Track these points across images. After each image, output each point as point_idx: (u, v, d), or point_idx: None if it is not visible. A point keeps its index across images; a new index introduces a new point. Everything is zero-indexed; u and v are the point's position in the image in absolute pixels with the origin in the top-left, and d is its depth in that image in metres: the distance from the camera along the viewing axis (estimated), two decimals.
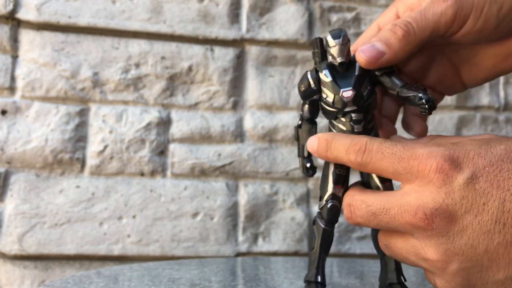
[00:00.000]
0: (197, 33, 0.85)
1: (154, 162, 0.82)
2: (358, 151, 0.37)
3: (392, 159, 0.36)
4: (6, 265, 0.76)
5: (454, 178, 0.33)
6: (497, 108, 0.94)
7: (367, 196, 0.37)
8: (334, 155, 0.39)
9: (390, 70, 0.41)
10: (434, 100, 0.38)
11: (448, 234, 0.33)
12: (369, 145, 0.37)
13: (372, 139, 0.37)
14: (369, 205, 0.37)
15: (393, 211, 0.35)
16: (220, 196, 0.83)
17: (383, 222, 0.36)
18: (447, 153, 0.34)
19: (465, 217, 0.33)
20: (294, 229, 0.84)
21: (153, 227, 0.80)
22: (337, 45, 0.40)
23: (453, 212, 0.33)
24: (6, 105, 0.78)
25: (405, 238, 0.36)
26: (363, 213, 0.37)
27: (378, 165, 0.36)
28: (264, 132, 0.85)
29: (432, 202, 0.33)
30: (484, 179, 0.33)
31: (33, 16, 0.80)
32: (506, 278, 0.33)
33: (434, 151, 0.34)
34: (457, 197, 0.33)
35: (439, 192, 0.33)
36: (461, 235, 0.33)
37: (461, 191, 0.33)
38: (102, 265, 0.79)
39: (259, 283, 0.53)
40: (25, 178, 0.78)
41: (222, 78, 0.85)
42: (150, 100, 0.83)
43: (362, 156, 0.37)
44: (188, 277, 0.55)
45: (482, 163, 0.33)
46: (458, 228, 0.33)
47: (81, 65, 0.81)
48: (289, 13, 0.88)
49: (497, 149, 0.34)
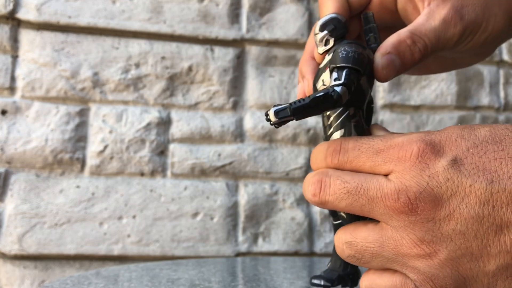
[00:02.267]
0: (197, 33, 0.85)
1: (154, 162, 0.82)
2: (333, 153, 0.35)
3: (369, 153, 0.34)
4: (6, 265, 0.76)
5: (437, 161, 0.31)
6: (497, 108, 0.94)
7: (343, 172, 0.34)
8: (317, 164, 0.37)
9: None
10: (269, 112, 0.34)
11: (434, 219, 0.31)
12: (344, 144, 0.35)
13: (347, 138, 0.35)
14: (345, 181, 0.34)
15: (371, 192, 0.32)
16: (220, 196, 0.83)
17: (357, 204, 0.33)
18: (428, 138, 0.32)
19: (451, 200, 0.31)
20: (294, 229, 0.84)
21: (153, 227, 0.80)
22: (318, 33, 0.39)
23: (438, 196, 0.31)
24: (6, 105, 0.78)
25: (381, 229, 0.33)
26: (335, 190, 0.34)
27: (356, 162, 0.34)
28: (264, 132, 0.85)
29: (415, 186, 0.31)
30: (469, 161, 0.31)
31: (33, 16, 0.80)
32: (497, 269, 0.31)
33: (414, 137, 0.33)
34: (441, 179, 0.31)
35: (422, 175, 0.31)
36: (448, 220, 0.31)
37: (446, 173, 0.31)
38: (102, 265, 0.79)
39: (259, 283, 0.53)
40: (25, 178, 0.78)
41: (222, 78, 0.85)
42: (150, 100, 0.83)
43: (338, 157, 0.35)
44: (188, 277, 0.55)
45: (465, 145, 0.32)
46: (444, 212, 0.31)
47: (81, 65, 0.81)
48: (289, 13, 0.88)
49: (481, 131, 0.32)
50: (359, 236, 0.34)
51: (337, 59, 0.36)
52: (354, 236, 0.34)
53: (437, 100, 0.92)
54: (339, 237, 0.36)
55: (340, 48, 0.37)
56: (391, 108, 0.91)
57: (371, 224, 0.34)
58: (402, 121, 0.91)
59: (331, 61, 0.37)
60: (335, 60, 0.36)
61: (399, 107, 0.91)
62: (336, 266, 0.40)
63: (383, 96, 0.91)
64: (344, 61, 0.36)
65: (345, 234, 0.35)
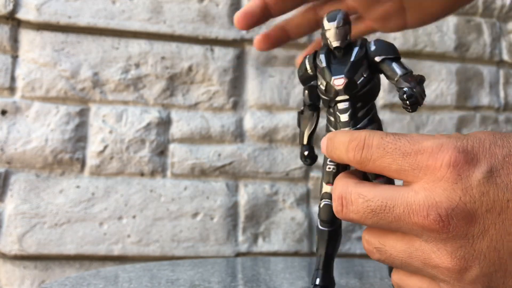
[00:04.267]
0: (197, 33, 0.85)
1: (154, 162, 0.82)
2: (356, 148, 0.33)
3: (395, 155, 0.31)
4: (6, 265, 0.76)
5: (471, 172, 0.29)
6: (497, 108, 0.94)
7: (364, 189, 0.32)
8: (337, 155, 0.35)
9: (394, 57, 0.37)
10: (417, 96, 0.34)
11: (467, 236, 0.29)
12: (368, 140, 0.33)
13: (371, 134, 0.33)
14: (368, 199, 0.32)
15: (398, 210, 0.30)
16: (220, 196, 0.83)
17: (383, 221, 0.31)
18: (460, 144, 0.30)
19: (486, 217, 0.29)
20: (294, 229, 0.84)
21: (153, 227, 0.80)
22: (331, 28, 0.37)
23: (472, 212, 0.29)
24: (6, 105, 0.78)
25: (409, 239, 0.31)
26: (359, 208, 0.32)
27: (380, 163, 0.32)
28: (264, 132, 0.85)
29: (446, 201, 0.29)
30: (505, 172, 0.29)
31: (33, 16, 0.80)
32: None
33: (445, 142, 0.30)
34: (476, 193, 0.29)
35: (454, 189, 0.29)
36: (482, 237, 0.29)
37: (481, 187, 0.28)
38: (102, 265, 0.79)
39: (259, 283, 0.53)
40: (25, 178, 0.78)
41: (222, 78, 0.85)
42: (150, 100, 0.83)
43: (361, 153, 0.33)
44: (187, 277, 0.55)
45: (500, 153, 0.29)
46: (478, 229, 0.29)
47: (81, 65, 0.81)
48: (289, 13, 0.88)
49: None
50: (388, 244, 0.33)
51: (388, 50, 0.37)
52: (383, 243, 0.33)
53: (437, 100, 0.92)
54: (367, 240, 0.34)
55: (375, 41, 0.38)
56: (391, 108, 0.91)
57: (400, 233, 0.32)
58: (402, 121, 0.91)
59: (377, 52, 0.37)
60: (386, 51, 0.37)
61: (399, 107, 0.91)
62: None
63: (383, 96, 0.91)
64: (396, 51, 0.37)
65: (374, 239, 0.34)
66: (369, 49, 0.38)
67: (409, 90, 0.34)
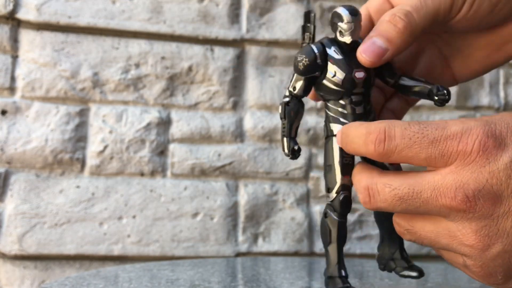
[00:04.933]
0: (197, 33, 0.85)
1: (154, 162, 0.82)
2: (376, 140, 0.33)
3: (423, 143, 0.32)
4: (6, 265, 0.76)
5: (498, 156, 0.30)
6: (497, 108, 0.94)
7: (389, 178, 0.33)
8: (354, 148, 0.35)
9: None
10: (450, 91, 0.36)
11: (492, 216, 0.30)
12: (390, 131, 0.33)
13: (391, 124, 0.33)
14: (395, 188, 0.33)
15: (425, 194, 0.31)
16: (220, 196, 0.83)
17: (412, 207, 0.32)
18: (488, 129, 0.31)
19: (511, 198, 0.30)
20: (294, 229, 0.84)
21: (153, 227, 0.80)
22: (352, 22, 0.37)
23: (498, 193, 0.30)
24: (6, 105, 0.78)
25: (436, 220, 0.33)
26: (387, 197, 0.33)
27: (406, 153, 0.32)
28: (264, 132, 0.85)
29: (474, 183, 0.30)
30: None
31: (33, 16, 0.80)
32: None
33: (473, 127, 0.31)
34: (502, 176, 0.30)
35: (482, 172, 0.30)
36: (506, 217, 0.30)
37: (507, 170, 0.30)
38: (102, 265, 0.79)
39: (259, 283, 0.53)
40: (25, 178, 0.78)
41: (222, 78, 0.85)
42: (150, 100, 0.83)
43: (384, 145, 0.33)
44: (187, 277, 0.55)
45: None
46: (503, 210, 0.30)
47: (81, 65, 0.81)
48: (289, 13, 0.88)
49: None
50: (416, 225, 0.34)
51: None
52: (412, 225, 0.35)
53: None
54: (398, 223, 0.36)
55: None
56: None
57: (427, 215, 0.34)
58: None
59: None
60: None
61: None
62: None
63: None
64: None
65: (404, 222, 0.35)
66: None
67: (443, 88, 0.36)
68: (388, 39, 0.37)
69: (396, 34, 0.37)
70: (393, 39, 0.37)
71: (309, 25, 0.40)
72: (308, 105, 0.87)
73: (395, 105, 0.46)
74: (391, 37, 0.37)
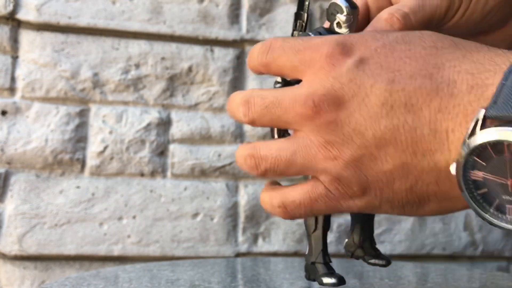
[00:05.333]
0: (197, 34, 0.85)
1: (154, 163, 0.82)
2: (263, 51, 0.35)
3: (290, 53, 0.34)
4: (6, 266, 0.76)
5: (343, 62, 0.31)
6: None
7: (264, 90, 0.35)
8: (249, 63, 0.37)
9: None
10: None
11: (336, 121, 0.31)
12: (274, 43, 0.35)
13: (281, 38, 0.35)
14: (264, 97, 0.34)
15: (285, 102, 0.33)
16: (220, 197, 0.83)
17: (275, 116, 0.34)
18: (341, 39, 0.32)
19: (352, 101, 0.31)
20: (294, 229, 0.84)
21: (153, 227, 0.80)
22: (351, 14, 0.37)
23: (340, 97, 0.31)
24: (6, 106, 0.78)
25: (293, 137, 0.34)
26: (257, 108, 0.34)
27: (279, 62, 0.34)
28: (264, 132, 0.85)
29: (321, 89, 0.31)
30: (374, 61, 0.31)
31: (33, 17, 0.80)
32: (394, 167, 0.31)
33: (329, 39, 0.33)
34: (345, 80, 0.31)
35: (327, 77, 0.31)
36: (348, 121, 0.31)
37: (349, 74, 0.31)
38: (102, 266, 0.79)
39: (259, 283, 0.53)
40: (25, 178, 0.78)
41: (222, 79, 0.85)
42: (150, 101, 0.83)
43: (266, 55, 0.35)
44: (187, 278, 0.55)
45: (374, 45, 0.32)
46: (345, 113, 0.31)
47: (81, 66, 0.81)
48: (289, 14, 0.88)
49: (394, 34, 0.32)
50: (273, 147, 0.35)
51: None
52: (269, 148, 0.35)
53: None
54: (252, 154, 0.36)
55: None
56: None
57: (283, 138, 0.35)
58: None
59: None
60: None
61: None
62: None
63: None
64: None
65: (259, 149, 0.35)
66: None
67: None
68: None
69: None
70: None
71: (302, 12, 0.40)
72: None
73: None
74: None
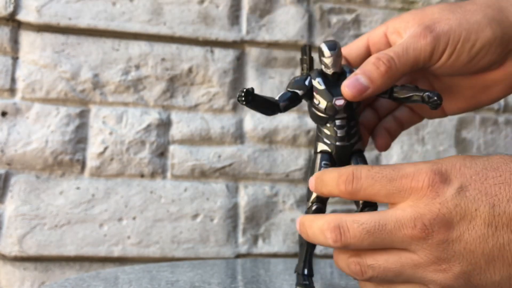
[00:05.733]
0: (197, 35, 0.85)
1: (154, 164, 0.82)
2: (346, 181, 0.38)
3: (383, 182, 0.37)
4: (6, 267, 0.77)
5: (446, 189, 0.35)
6: (496, 110, 0.94)
7: (357, 216, 0.38)
8: (328, 190, 0.40)
9: None
10: (441, 95, 0.40)
11: (448, 241, 0.35)
12: (357, 173, 0.38)
13: (358, 168, 0.39)
14: (362, 223, 0.37)
15: (389, 226, 0.36)
16: (220, 198, 0.83)
17: (378, 240, 0.36)
18: (436, 167, 0.36)
19: (460, 224, 0.35)
20: (294, 230, 0.84)
21: (153, 228, 0.80)
22: (332, 56, 0.42)
23: (449, 220, 0.35)
24: (7, 107, 0.79)
25: (398, 252, 0.37)
26: (356, 232, 0.37)
27: (370, 190, 0.38)
28: (264, 133, 0.85)
29: (429, 213, 0.35)
30: (472, 187, 0.35)
31: (33, 18, 0.80)
32: (501, 279, 0.35)
33: (423, 167, 0.36)
34: (451, 205, 0.35)
35: (433, 203, 0.35)
36: (459, 241, 0.35)
37: (454, 200, 0.35)
38: (102, 267, 0.79)
39: (259, 284, 0.53)
40: (25, 179, 0.78)
41: (222, 80, 0.85)
42: (150, 102, 0.83)
43: (352, 185, 0.38)
44: (187, 279, 0.55)
45: (468, 173, 0.36)
46: (456, 234, 0.35)
47: (81, 67, 0.81)
48: (289, 15, 0.88)
49: (481, 161, 0.36)
50: (380, 259, 0.37)
51: None
52: (376, 260, 0.38)
53: None
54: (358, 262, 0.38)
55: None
56: None
57: (389, 249, 0.37)
58: None
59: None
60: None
61: None
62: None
63: None
64: None
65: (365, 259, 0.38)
66: None
67: (433, 93, 0.40)
68: (370, 79, 0.42)
69: (378, 75, 0.42)
70: (375, 79, 0.42)
71: (305, 57, 0.46)
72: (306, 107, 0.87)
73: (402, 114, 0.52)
74: (373, 78, 0.42)
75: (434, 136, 0.92)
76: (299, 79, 0.44)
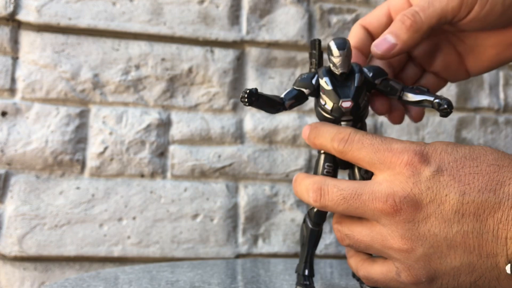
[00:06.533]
0: (197, 35, 0.85)
1: (154, 164, 0.82)
2: (341, 140, 0.40)
3: (369, 150, 0.39)
4: (6, 267, 0.76)
5: (421, 171, 0.37)
6: (497, 110, 0.94)
7: (339, 181, 0.40)
8: (320, 142, 0.42)
9: (387, 76, 0.44)
10: (451, 102, 0.41)
11: (414, 220, 0.36)
12: (352, 135, 0.40)
13: (355, 131, 0.41)
14: (342, 189, 0.39)
15: (364, 196, 0.38)
16: (220, 198, 0.83)
17: (352, 207, 0.39)
18: (418, 149, 0.38)
19: (429, 206, 0.36)
20: (294, 230, 0.84)
21: (153, 228, 0.80)
22: (341, 55, 0.41)
23: (419, 201, 0.36)
24: (6, 107, 0.79)
25: (371, 225, 0.39)
26: (333, 197, 0.39)
27: (357, 154, 0.40)
28: (264, 133, 0.85)
29: (401, 191, 0.36)
30: (448, 173, 0.36)
31: (33, 18, 0.80)
32: (461, 265, 0.36)
33: (408, 146, 0.38)
34: (423, 187, 0.36)
35: (407, 182, 0.37)
36: (424, 222, 0.36)
37: (427, 182, 0.36)
38: (102, 267, 0.79)
39: (259, 285, 0.53)
40: (25, 179, 0.78)
41: (222, 80, 0.85)
42: (150, 102, 0.83)
43: (345, 145, 0.40)
44: (187, 279, 0.55)
45: (447, 159, 0.37)
46: (422, 215, 0.36)
47: (81, 67, 0.81)
48: (289, 15, 0.88)
49: (463, 149, 0.38)
50: (355, 230, 0.40)
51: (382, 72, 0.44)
52: (351, 230, 0.40)
53: None
54: (339, 229, 0.42)
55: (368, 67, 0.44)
56: None
57: (364, 221, 0.40)
58: (402, 123, 0.91)
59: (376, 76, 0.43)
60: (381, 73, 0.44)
61: None
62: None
63: None
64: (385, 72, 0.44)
65: (344, 227, 0.41)
66: (367, 74, 0.43)
67: (444, 101, 0.40)
68: (396, 35, 0.42)
69: (404, 31, 0.42)
70: (401, 35, 0.42)
71: (314, 52, 0.45)
72: (308, 107, 0.87)
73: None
74: (399, 34, 0.42)
75: (434, 136, 0.92)
76: (306, 77, 0.44)
